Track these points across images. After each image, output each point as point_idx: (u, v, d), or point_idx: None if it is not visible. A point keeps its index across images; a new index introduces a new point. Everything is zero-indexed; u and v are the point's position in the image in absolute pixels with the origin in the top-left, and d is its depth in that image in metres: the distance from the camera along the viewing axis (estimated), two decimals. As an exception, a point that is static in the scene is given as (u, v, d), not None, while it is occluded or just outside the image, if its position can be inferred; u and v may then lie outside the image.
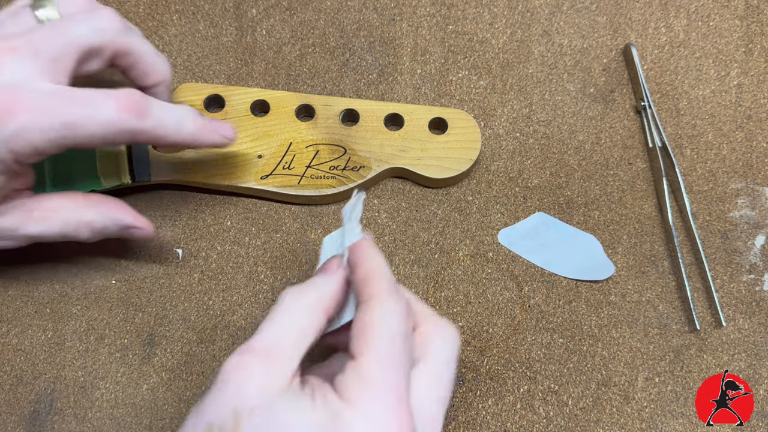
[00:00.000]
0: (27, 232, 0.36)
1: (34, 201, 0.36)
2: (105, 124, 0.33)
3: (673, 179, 0.43)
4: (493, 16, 0.48)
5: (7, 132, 0.31)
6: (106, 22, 0.34)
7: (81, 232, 0.37)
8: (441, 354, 0.31)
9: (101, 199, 0.38)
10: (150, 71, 0.37)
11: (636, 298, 0.42)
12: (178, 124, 0.35)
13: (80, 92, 0.33)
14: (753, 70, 0.46)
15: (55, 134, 0.32)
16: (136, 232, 0.38)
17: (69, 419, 0.40)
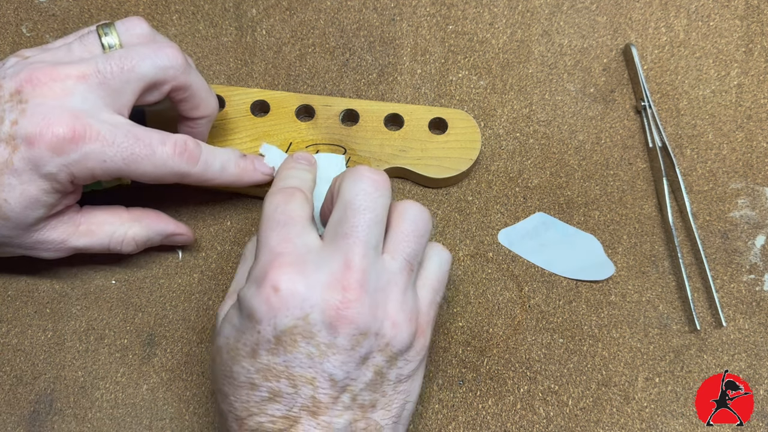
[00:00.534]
0: (73, 245, 0.38)
1: (81, 215, 0.39)
2: (160, 165, 0.36)
3: (673, 179, 0.43)
4: (493, 16, 0.48)
5: (73, 156, 0.34)
6: (170, 61, 0.36)
7: (126, 246, 0.40)
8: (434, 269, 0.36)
9: (143, 213, 0.40)
10: (200, 106, 0.39)
11: (636, 298, 0.42)
12: (222, 169, 0.38)
13: (143, 132, 0.36)
14: (753, 70, 0.46)
15: (114, 167, 0.35)
16: (179, 239, 0.41)
17: (69, 419, 0.40)
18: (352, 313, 0.31)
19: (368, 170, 0.34)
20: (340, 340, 0.31)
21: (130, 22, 0.38)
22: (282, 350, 0.31)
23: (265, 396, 0.31)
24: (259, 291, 0.31)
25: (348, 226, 0.32)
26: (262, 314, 0.31)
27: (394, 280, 0.33)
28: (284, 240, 0.32)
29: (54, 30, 0.47)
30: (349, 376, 0.31)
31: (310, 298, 0.31)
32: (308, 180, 0.37)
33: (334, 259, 0.31)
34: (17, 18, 0.47)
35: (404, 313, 0.32)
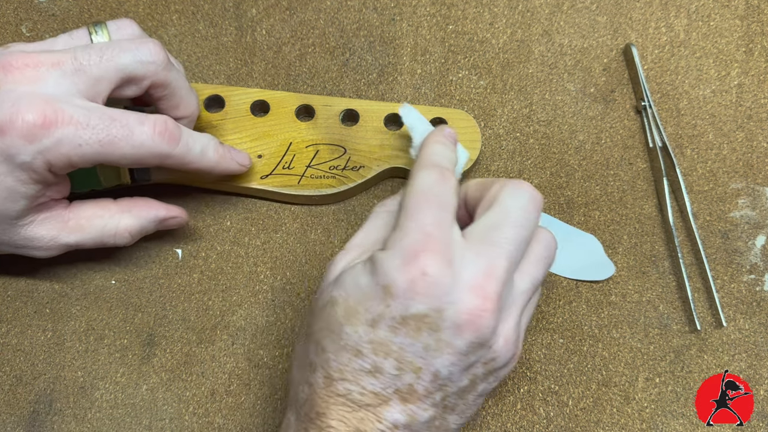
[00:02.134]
0: (64, 242, 0.38)
1: (69, 211, 0.38)
2: (138, 146, 0.35)
3: (673, 179, 0.43)
4: (493, 16, 0.47)
5: (46, 143, 0.33)
6: (151, 56, 0.36)
7: (120, 238, 0.39)
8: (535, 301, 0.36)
9: (131, 202, 0.40)
10: (180, 105, 0.39)
11: (636, 298, 0.42)
12: (202, 153, 0.38)
13: (119, 113, 0.35)
14: (753, 70, 0.46)
15: (91, 150, 0.34)
16: (173, 222, 0.41)
17: (68, 419, 0.40)
18: (481, 322, 0.30)
19: (530, 187, 0.33)
20: (459, 343, 0.30)
21: (121, 22, 0.38)
22: (403, 332, 0.30)
23: (366, 367, 0.30)
24: (405, 268, 0.30)
25: (500, 236, 0.32)
26: (400, 291, 0.30)
27: (518, 301, 0.32)
28: (438, 224, 0.31)
29: (54, 30, 0.47)
30: (450, 378, 0.31)
31: (451, 294, 0.30)
32: (454, 162, 0.36)
33: (479, 263, 0.31)
34: (17, 18, 0.47)
35: (515, 334, 0.32)
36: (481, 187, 0.35)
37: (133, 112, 0.35)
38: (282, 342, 0.42)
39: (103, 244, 0.39)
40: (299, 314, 0.42)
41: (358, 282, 0.31)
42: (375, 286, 0.31)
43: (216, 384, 0.41)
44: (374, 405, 0.30)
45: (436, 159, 0.35)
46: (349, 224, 0.44)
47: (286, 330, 0.42)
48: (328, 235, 0.44)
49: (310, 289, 0.43)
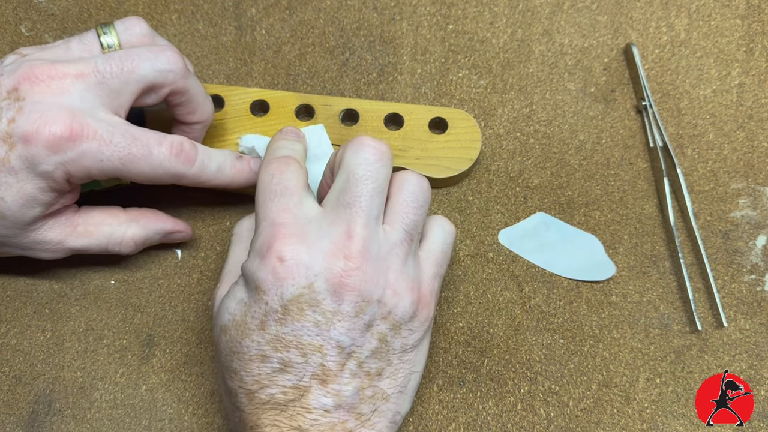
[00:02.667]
0: (71, 246, 0.39)
1: (78, 216, 0.39)
2: (156, 166, 0.36)
3: (674, 179, 0.43)
4: (493, 16, 0.47)
5: (69, 155, 0.34)
6: (170, 65, 0.36)
7: (125, 246, 0.40)
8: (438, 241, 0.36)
9: (140, 212, 0.41)
10: (196, 111, 0.39)
11: (637, 298, 0.42)
12: (218, 171, 0.39)
13: (140, 132, 0.36)
14: (754, 70, 0.46)
15: (111, 166, 0.35)
16: (178, 236, 0.42)
17: (68, 420, 0.40)
18: (354, 281, 0.31)
19: (371, 140, 0.34)
20: (344, 307, 0.31)
21: (129, 21, 0.38)
22: (290, 319, 0.31)
23: (276, 367, 0.31)
24: (264, 262, 0.32)
25: (350, 196, 0.32)
26: (268, 285, 0.31)
27: (394, 251, 0.33)
28: (283, 210, 0.33)
29: (53, 29, 0.47)
30: (354, 343, 0.32)
31: (313, 267, 0.31)
32: (300, 150, 0.37)
33: (336, 228, 0.32)
34: (16, 17, 0.47)
35: (405, 282, 0.33)
36: (335, 156, 0.35)
37: (153, 132, 0.37)
38: (282, 342, 0.42)
39: (107, 251, 0.40)
40: (299, 314, 0.42)
41: (237, 298, 0.33)
42: (250, 292, 0.32)
43: (215, 384, 0.41)
44: (298, 398, 0.31)
45: (274, 153, 0.36)
46: (349, 224, 0.44)
47: (286, 330, 0.42)
48: (328, 235, 0.44)
49: (310, 290, 0.43)
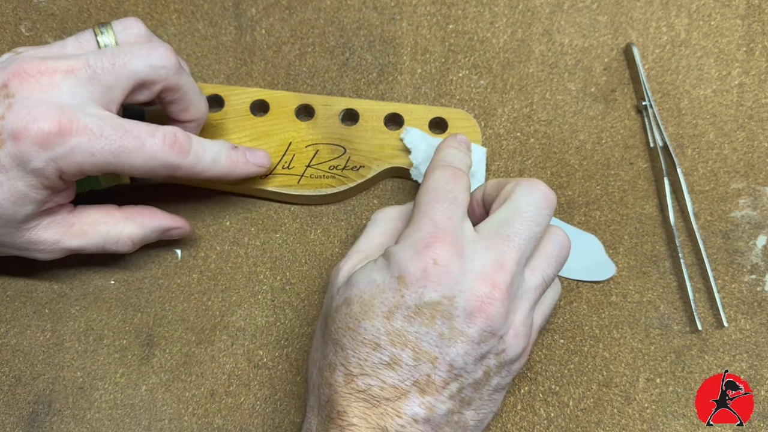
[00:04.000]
0: (66, 246, 0.38)
1: (74, 215, 0.39)
2: (149, 157, 0.35)
3: (674, 179, 0.43)
4: (493, 15, 0.47)
5: (59, 151, 0.34)
6: (162, 61, 0.36)
7: (122, 245, 0.40)
8: (551, 298, 0.37)
9: (136, 210, 0.40)
10: (189, 109, 0.39)
11: (637, 298, 0.42)
12: (213, 161, 0.38)
13: (131, 124, 0.35)
14: (754, 70, 0.46)
15: (103, 160, 0.34)
16: (176, 233, 0.41)
17: (68, 420, 0.40)
18: (492, 310, 0.31)
19: (543, 185, 0.34)
20: (471, 331, 0.31)
21: (126, 21, 0.38)
22: (419, 321, 0.31)
23: (385, 360, 0.31)
24: (418, 257, 0.32)
25: (511, 230, 0.33)
26: (414, 280, 0.31)
27: (527, 295, 0.33)
28: (449, 218, 0.33)
29: (53, 29, 0.47)
30: (465, 368, 0.32)
31: (461, 282, 0.31)
32: (469, 165, 0.38)
33: (489, 255, 0.32)
34: (16, 17, 0.47)
35: (525, 327, 0.33)
36: (497, 185, 0.36)
37: (145, 124, 0.36)
38: (281, 342, 0.42)
39: (105, 250, 0.39)
40: (299, 314, 0.42)
41: (372, 278, 0.33)
42: (389, 278, 0.32)
43: (215, 384, 0.41)
44: (393, 399, 0.31)
45: (448, 160, 0.36)
46: (349, 224, 0.44)
47: (286, 330, 0.42)
48: (328, 235, 0.44)
49: (310, 290, 0.43)
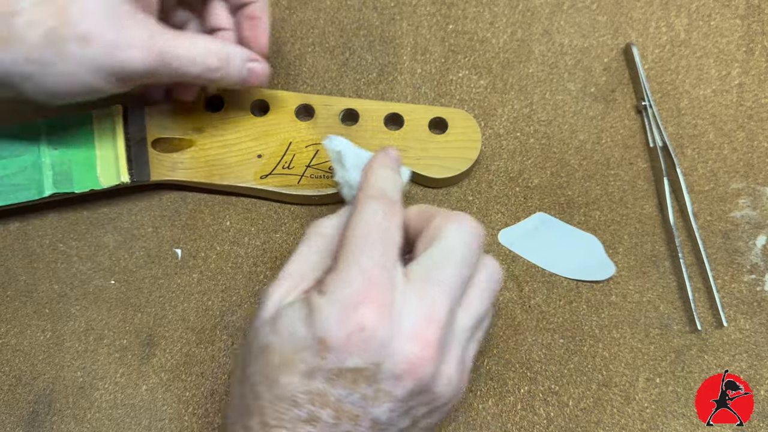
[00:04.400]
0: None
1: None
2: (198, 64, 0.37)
3: (674, 179, 0.43)
4: (493, 16, 0.47)
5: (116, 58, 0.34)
6: None
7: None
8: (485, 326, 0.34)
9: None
10: None
11: (637, 298, 0.42)
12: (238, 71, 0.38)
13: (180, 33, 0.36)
14: (754, 70, 0.46)
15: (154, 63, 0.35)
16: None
17: (68, 420, 0.40)
18: (421, 372, 0.29)
19: (472, 221, 0.32)
20: (398, 391, 0.29)
21: None
22: (341, 384, 0.29)
23: (303, 416, 0.30)
24: (343, 321, 0.29)
25: (441, 276, 0.30)
26: (337, 345, 0.29)
27: (459, 338, 0.31)
28: (382, 267, 0.30)
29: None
30: (390, 422, 0.30)
31: (389, 347, 0.29)
32: (402, 189, 0.34)
33: (420, 307, 0.30)
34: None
35: (459, 373, 0.31)
36: (422, 217, 0.33)
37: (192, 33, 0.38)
38: (282, 342, 0.42)
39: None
40: (299, 314, 0.42)
41: (295, 331, 0.30)
42: (311, 337, 0.29)
43: (216, 384, 0.41)
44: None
45: (383, 186, 0.33)
46: (349, 224, 0.44)
47: (286, 330, 0.42)
48: (328, 235, 0.44)
49: (310, 289, 0.43)
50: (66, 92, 0.35)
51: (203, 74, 0.37)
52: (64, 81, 0.35)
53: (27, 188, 0.40)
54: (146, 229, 0.43)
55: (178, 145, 0.43)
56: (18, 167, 0.40)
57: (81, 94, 0.36)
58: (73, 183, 0.40)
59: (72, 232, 0.43)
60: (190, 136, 0.43)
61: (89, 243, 0.43)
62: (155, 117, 0.43)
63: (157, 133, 0.42)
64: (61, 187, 0.40)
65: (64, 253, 0.43)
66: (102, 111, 0.42)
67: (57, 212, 0.43)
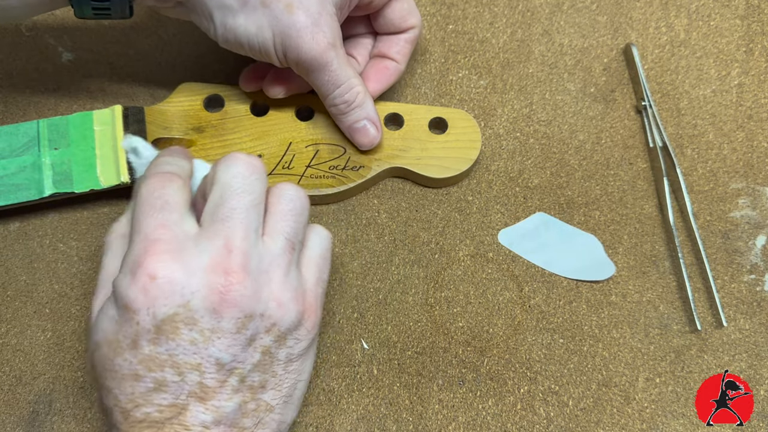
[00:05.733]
0: None
1: None
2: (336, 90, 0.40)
3: (673, 179, 0.43)
4: (493, 16, 0.47)
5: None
6: None
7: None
8: (316, 248, 0.36)
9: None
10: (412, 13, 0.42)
11: (637, 298, 0.42)
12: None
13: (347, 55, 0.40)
14: (754, 70, 0.46)
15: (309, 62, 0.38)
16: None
17: (68, 420, 0.40)
18: (235, 297, 0.30)
19: (243, 155, 0.33)
20: (224, 324, 0.30)
21: None
22: (164, 339, 0.30)
23: (150, 386, 0.30)
24: (134, 280, 0.30)
25: (226, 209, 0.32)
26: (139, 304, 0.30)
27: (276, 261, 0.32)
28: (161, 226, 0.31)
29: (53, 29, 0.47)
30: (236, 359, 0.31)
31: (190, 284, 0.30)
32: (186, 168, 0.36)
33: (214, 244, 0.31)
34: (16, 17, 0.47)
35: (289, 292, 0.32)
36: (208, 175, 0.35)
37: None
38: (282, 342, 0.42)
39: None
40: (299, 314, 0.42)
41: (109, 315, 0.31)
42: (120, 310, 0.31)
43: (216, 384, 0.41)
44: (175, 416, 0.30)
45: (158, 168, 0.34)
46: (349, 224, 0.44)
47: (286, 330, 0.42)
48: (328, 235, 0.44)
49: (310, 289, 0.43)
50: (235, 41, 0.38)
51: (328, 96, 0.40)
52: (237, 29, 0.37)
53: (27, 188, 0.40)
54: (146, 229, 0.43)
55: (178, 145, 0.43)
56: (18, 167, 0.40)
57: (245, 46, 0.38)
58: (73, 183, 0.41)
59: (72, 232, 0.43)
60: (190, 136, 0.43)
61: (89, 243, 0.43)
62: (155, 117, 0.43)
63: (157, 133, 0.42)
64: (61, 187, 0.40)
65: (64, 253, 0.43)
66: (102, 111, 0.42)
67: (57, 212, 0.43)
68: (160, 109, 0.43)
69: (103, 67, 0.46)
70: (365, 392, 0.41)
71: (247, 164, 0.33)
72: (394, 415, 0.40)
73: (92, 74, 0.46)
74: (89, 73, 0.46)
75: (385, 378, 0.41)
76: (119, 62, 0.46)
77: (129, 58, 0.47)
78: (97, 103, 0.46)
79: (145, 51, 0.47)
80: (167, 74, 0.46)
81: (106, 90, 0.46)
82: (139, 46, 0.47)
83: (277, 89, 0.42)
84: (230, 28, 0.37)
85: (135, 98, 0.46)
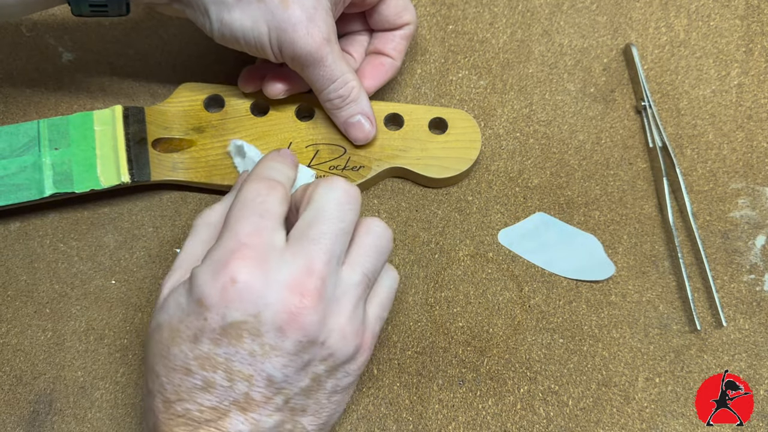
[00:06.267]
0: None
1: None
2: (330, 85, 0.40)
3: (673, 179, 0.43)
4: (493, 16, 0.47)
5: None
6: None
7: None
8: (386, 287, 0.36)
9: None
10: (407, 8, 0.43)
11: (636, 298, 0.42)
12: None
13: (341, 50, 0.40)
14: (753, 70, 0.46)
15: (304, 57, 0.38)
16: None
17: (68, 419, 0.40)
18: (304, 321, 0.30)
19: (343, 182, 0.34)
20: (286, 344, 0.30)
21: None
22: (225, 342, 0.30)
23: (198, 384, 0.30)
24: (215, 278, 0.30)
25: (316, 232, 0.32)
26: (213, 302, 0.30)
27: (349, 293, 0.32)
28: (255, 232, 0.31)
29: (54, 29, 0.47)
30: (287, 380, 0.31)
31: (266, 296, 0.30)
32: (291, 178, 0.36)
33: (297, 262, 0.31)
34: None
35: (352, 326, 0.32)
36: (303, 190, 0.35)
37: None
38: (282, 342, 0.42)
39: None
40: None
41: (179, 302, 0.32)
42: (192, 301, 0.31)
43: (216, 384, 0.41)
44: (215, 420, 0.30)
45: (266, 173, 0.35)
46: (349, 224, 0.44)
47: (286, 330, 0.42)
48: (328, 235, 0.44)
49: (310, 289, 0.43)
50: (230, 36, 0.38)
51: (323, 91, 0.40)
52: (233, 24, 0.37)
53: (27, 188, 0.40)
54: (147, 229, 0.43)
55: (179, 145, 0.43)
56: (18, 167, 0.40)
57: (241, 41, 0.38)
58: (73, 183, 0.41)
59: (72, 232, 0.43)
60: (190, 136, 0.43)
61: (90, 243, 0.43)
62: (155, 117, 0.43)
63: (158, 133, 0.42)
64: (62, 187, 0.40)
65: (64, 253, 0.43)
66: (102, 111, 0.42)
67: (57, 212, 0.43)
68: (160, 109, 0.43)
69: (103, 67, 0.46)
70: (365, 392, 0.41)
71: (345, 192, 0.33)
72: (394, 415, 0.40)
73: (92, 74, 0.46)
74: (89, 73, 0.46)
75: (385, 378, 0.41)
76: (119, 62, 0.47)
77: (129, 58, 0.47)
78: (98, 103, 0.46)
79: (145, 51, 0.47)
80: (167, 74, 0.46)
81: (106, 90, 0.46)
82: (139, 46, 0.47)
83: (276, 89, 0.42)
84: (226, 23, 0.37)
85: (135, 98, 0.46)
